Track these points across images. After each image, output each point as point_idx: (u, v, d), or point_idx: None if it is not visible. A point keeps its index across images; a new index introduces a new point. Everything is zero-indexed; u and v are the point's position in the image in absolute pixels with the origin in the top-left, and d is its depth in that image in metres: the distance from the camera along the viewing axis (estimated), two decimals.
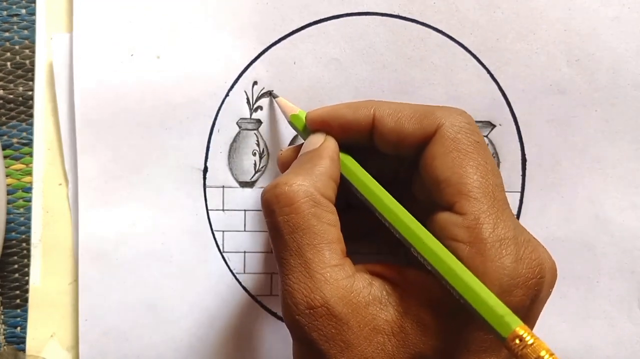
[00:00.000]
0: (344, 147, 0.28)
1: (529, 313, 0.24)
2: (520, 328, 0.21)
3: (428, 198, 0.26)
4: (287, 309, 0.24)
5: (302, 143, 0.29)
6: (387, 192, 0.26)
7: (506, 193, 0.33)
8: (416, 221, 0.25)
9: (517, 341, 0.21)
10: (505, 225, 0.24)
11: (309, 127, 0.29)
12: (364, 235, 0.31)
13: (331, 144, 0.28)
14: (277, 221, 0.25)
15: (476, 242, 0.23)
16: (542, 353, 0.20)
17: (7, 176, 0.34)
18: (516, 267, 0.23)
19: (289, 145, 0.33)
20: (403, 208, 0.26)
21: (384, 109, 0.27)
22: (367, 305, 0.24)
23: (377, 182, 0.27)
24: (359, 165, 0.28)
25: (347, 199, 0.29)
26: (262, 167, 0.33)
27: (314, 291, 0.24)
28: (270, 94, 0.33)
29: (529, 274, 0.23)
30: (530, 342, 0.21)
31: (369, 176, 0.27)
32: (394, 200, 0.26)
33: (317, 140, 0.28)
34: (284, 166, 0.29)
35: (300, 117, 0.30)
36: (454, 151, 0.25)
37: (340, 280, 0.24)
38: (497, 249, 0.23)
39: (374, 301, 0.24)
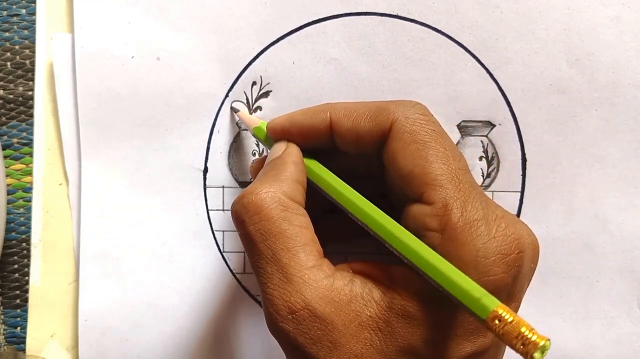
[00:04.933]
0: (310, 152, 0.28)
1: (512, 289, 0.24)
2: (499, 308, 0.21)
3: (400, 191, 0.26)
4: (270, 318, 0.24)
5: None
6: (354, 191, 0.26)
7: (506, 193, 0.33)
8: (386, 215, 0.25)
9: (497, 321, 0.21)
10: (473, 207, 0.24)
11: (270, 137, 0.29)
12: (359, 234, 0.31)
13: (293, 149, 0.28)
14: (248, 231, 0.25)
15: (447, 228, 0.24)
16: (523, 329, 0.20)
17: (7, 176, 0.34)
18: (489, 247, 0.23)
19: None
20: (372, 205, 0.26)
21: (339, 110, 0.27)
22: (349, 302, 0.24)
23: (344, 183, 0.27)
24: (324, 168, 0.28)
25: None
26: None
27: (293, 295, 0.24)
28: (231, 108, 0.33)
29: (505, 250, 0.24)
30: (510, 320, 0.21)
31: (336, 177, 0.27)
32: (363, 198, 0.26)
33: (279, 148, 0.28)
34: (255, 175, 0.29)
35: (262, 128, 0.30)
36: (412, 143, 0.25)
37: (319, 280, 0.24)
38: (467, 232, 0.23)
39: (355, 297, 0.24)
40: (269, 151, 0.29)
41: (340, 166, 0.28)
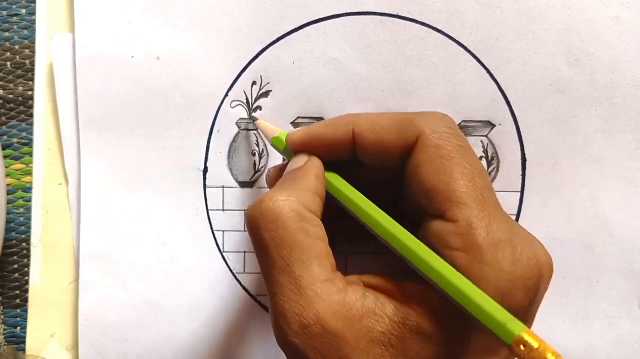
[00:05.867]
0: (329, 164, 0.28)
1: (528, 311, 0.24)
2: (524, 333, 0.21)
3: (420, 204, 0.26)
4: (280, 332, 0.24)
5: (288, 162, 0.29)
6: (377, 208, 0.26)
7: (506, 193, 0.33)
8: (409, 234, 0.25)
9: (522, 347, 0.21)
10: (499, 228, 0.24)
11: (290, 150, 0.29)
12: (362, 236, 0.31)
13: (316, 162, 0.27)
14: (263, 238, 0.24)
15: (472, 248, 0.23)
16: (549, 356, 0.20)
17: (7, 176, 0.34)
18: (514, 270, 0.23)
19: None
20: (396, 223, 0.25)
21: (363, 123, 0.27)
22: (361, 318, 0.23)
23: (365, 198, 0.26)
24: (346, 183, 0.27)
25: None
26: (262, 168, 0.34)
27: (306, 309, 0.23)
28: (250, 117, 0.33)
29: (528, 275, 0.23)
30: (535, 346, 0.20)
31: (357, 192, 0.27)
32: (386, 216, 0.26)
33: (301, 160, 0.28)
34: (272, 184, 0.29)
35: (281, 139, 0.29)
36: (437, 158, 0.25)
37: (332, 295, 0.23)
38: (493, 253, 0.23)
39: (368, 313, 0.23)
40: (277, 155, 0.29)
41: (357, 175, 0.28)
